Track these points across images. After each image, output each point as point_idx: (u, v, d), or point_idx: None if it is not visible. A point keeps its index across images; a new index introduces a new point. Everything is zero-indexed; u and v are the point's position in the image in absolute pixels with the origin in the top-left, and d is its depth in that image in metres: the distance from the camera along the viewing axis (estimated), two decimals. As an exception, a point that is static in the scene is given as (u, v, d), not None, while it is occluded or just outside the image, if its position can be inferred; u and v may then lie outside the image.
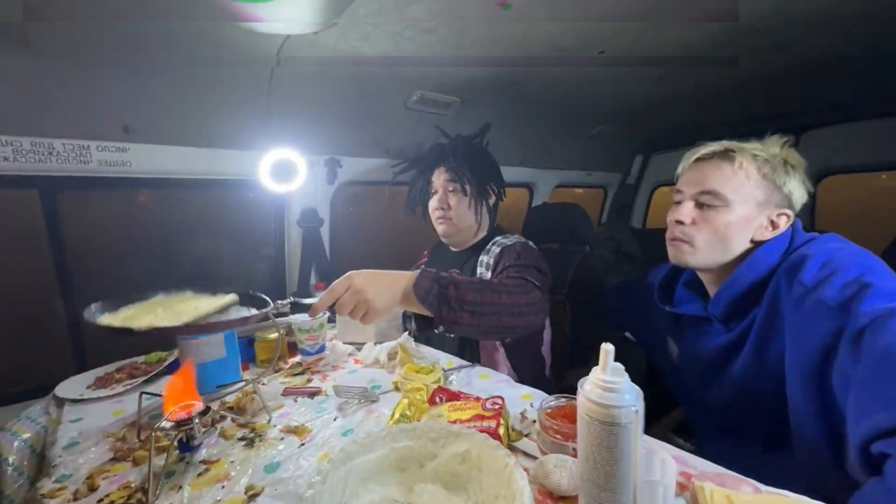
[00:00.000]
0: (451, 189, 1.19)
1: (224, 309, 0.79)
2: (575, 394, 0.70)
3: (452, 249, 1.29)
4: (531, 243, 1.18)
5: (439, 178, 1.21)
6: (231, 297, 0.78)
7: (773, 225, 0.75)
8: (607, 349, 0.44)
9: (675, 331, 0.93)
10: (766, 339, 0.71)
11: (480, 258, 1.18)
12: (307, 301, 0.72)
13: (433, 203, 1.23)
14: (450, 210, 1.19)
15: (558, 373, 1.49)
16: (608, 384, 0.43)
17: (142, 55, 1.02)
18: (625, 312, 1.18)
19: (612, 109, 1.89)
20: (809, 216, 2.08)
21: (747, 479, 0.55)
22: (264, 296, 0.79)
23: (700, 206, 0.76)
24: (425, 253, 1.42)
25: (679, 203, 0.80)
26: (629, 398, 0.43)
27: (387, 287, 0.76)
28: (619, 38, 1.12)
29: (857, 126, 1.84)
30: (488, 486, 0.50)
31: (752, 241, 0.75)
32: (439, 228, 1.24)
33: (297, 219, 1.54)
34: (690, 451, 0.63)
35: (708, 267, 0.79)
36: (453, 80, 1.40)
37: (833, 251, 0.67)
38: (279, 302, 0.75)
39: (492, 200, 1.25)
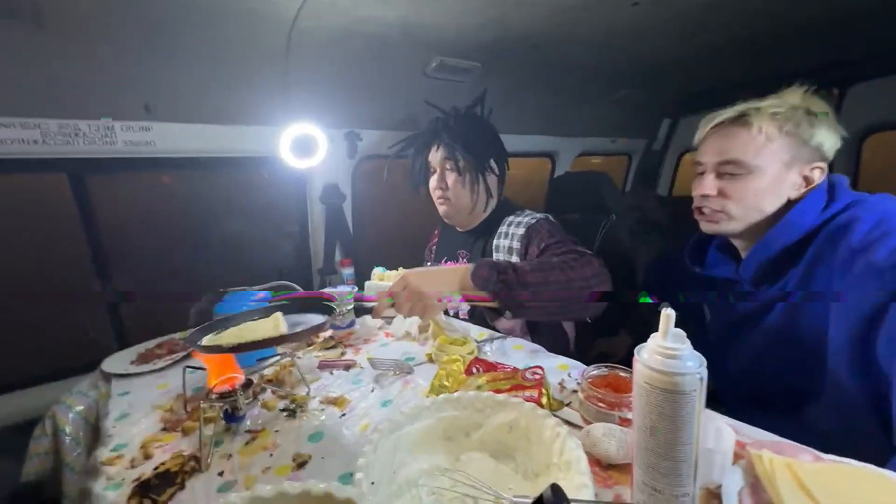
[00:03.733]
0: (447, 167, 1.12)
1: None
2: (605, 364, 0.71)
3: (458, 230, 1.24)
4: (550, 217, 1.11)
5: (436, 157, 1.14)
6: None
7: (808, 181, 0.71)
8: (668, 314, 0.42)
9: (706, 294, 0.89)
10: (796, 309, 0.68)
11: (496, 243, 1.11)
12: (368, 304, 0.74)
13: (432, 183, 1.16)
14: (447, 190, 1.13)
15: (584, 344, 1.48)
16: (670, 351, 0.41)
17: (157, 31, 1.00)
18: (665, 286, 1.15)
19: (640, 70, 1.78)
20: (852, 176, 1.96)
21: (807, 447, 0.53)
22: (330, 302, 0.80)
23: (723, 175, 0.73)
24: (435, 232, 1.38)
25: (701, 175, 0.76)
26: (692, 365, 0.41)
27: (443, 282, 0.77)
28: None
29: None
30: (537, 455, 0.50)
31: (788, 199, 0.71)
32: (440, 209, 1.18)
33: (319, 195, 1.53)
34: None
35: (746, 231, 0.75)
36: (474, 44, 1.33)
37: (887, 211, 0.63)
38: (343, 308, 0.77)
39: (491, 178, 1.16)
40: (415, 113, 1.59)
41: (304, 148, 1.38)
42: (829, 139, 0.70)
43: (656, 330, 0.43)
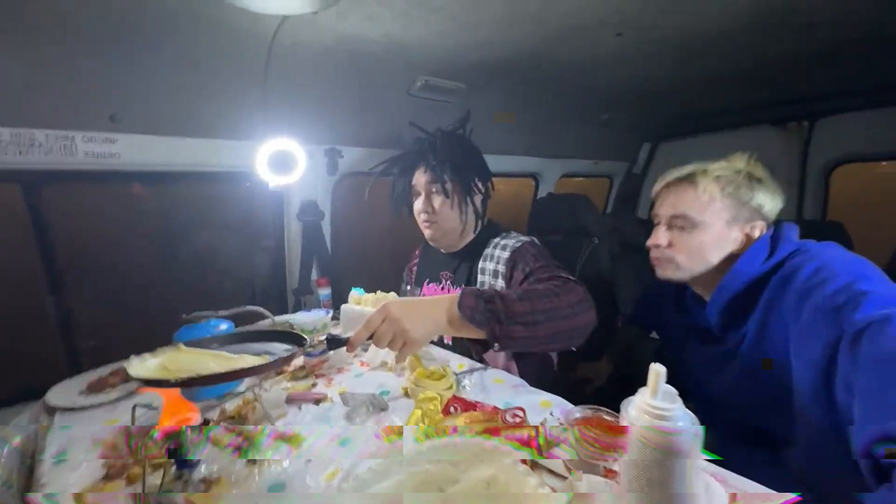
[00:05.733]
0: (433, 190, 1.10)
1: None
2: (586, 390, 0.70)
3: (442, 251, 1.21)
4: (536, 240, 1.10)
5: (421, 179, 1.12)
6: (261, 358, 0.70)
7: (748, 238, 0.77)
8: (658, 371, 0.39)
9: (686, 337, 0.94)
10: (759, 351, 0.72)
11: (482, 265, 1.09)
12: (343, 336, 0.67)
13: (417, 205, 1.14)
14: (434, 213, 1.11)
15: (566, 367, 1.46)
16: (659, 411, 0.38)
17: (128, 37, 0.94)
18: (649, 320, 1.17)
19: (623, 95, 1.81)
20: (822, 205, 2.03)
21: (791, 495, 0.51)
22: (300, 332, 0.72)
23: (673, 228, 0.81)
24: (416, 253, 1.35)
25: (657, 225, 0.85)
26: (683, 425, 0.38)
27: (426, 314, 0.71)
28: (639, 18, 1.05)
29: (875, 113, 1.77)
30: (518, 516, 0.46)
31: (730, 253, 0.78)
32: (426, 232, 1.16)
33: (296, 212, 1.48)
34: None
35: (693, 278, 0.82)
36: (460, 64, 1.32)
37: (826, 259, 0.68)
38: (316, 339, 0.69)
39: (478, 198, 1.15)
40: (398, 131, 1.56)
41: (283, 164, 1.33)
42: (768, 201, 0.77)
43: (640, 359, 0.41)
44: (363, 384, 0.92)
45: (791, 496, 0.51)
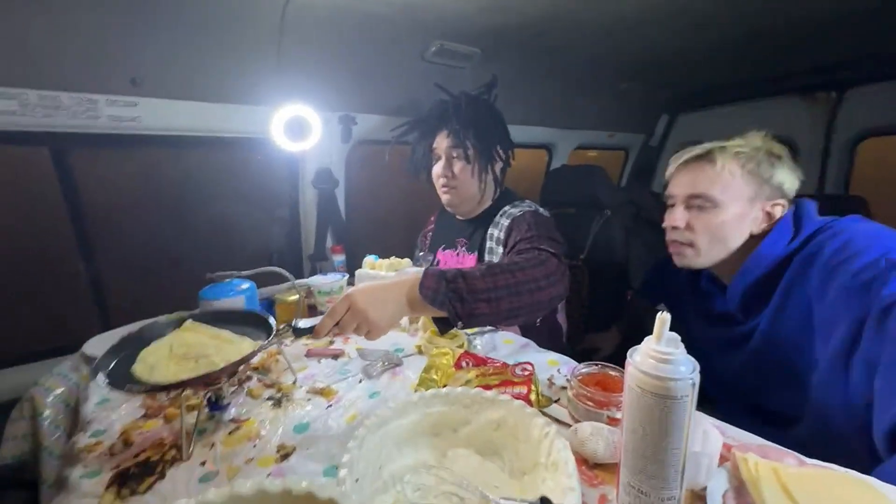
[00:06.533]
0: (454, 155, 1.09)
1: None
2: (594, 358, 0.71)
3: (458, 218, 1.22)
4: (541, 210, 1.10)
5: (442, 143, 1.11)
6: (249, 343, 0.71)
7: (769, 216, 0.75)
8: (663, 318, 0.41)
9: (696, 316, 0.94)
10: (778, 329, 0.72)
11: (489, 231, 1.10)
12: (308, 325, 0.68)
13: (436, 170, 1.13)
14: (454, 178, 1.10)
15: (574, 338, 1.49)
16: (663, 355, 0.40)
17: (146, 2, 0.95)
18: (658, 293, 1.18)
19: (641, 63, 1.75)
20: (844, 179, 1.97)
21: (790, 451, 0.53)
22: (270, 320, 0.73)
23: (691, 208, 0.78)
24: (431, 220, 1.37)
25: (672, 206, 0.82)
26: (685, 370, 0.40)
27: (389, 300, 0.70)
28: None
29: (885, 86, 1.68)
30: (524, 454, 0.49)
31: (750, 234, 0.76)
32: (444, 198, 1.15)
33: (311, 179, 1.50)
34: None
35: (713, 264, 0.80)
36: (475, 28, 1.29)
37: (853, 233, 0.66)
38: (281, 326, 0.70)
39: (498, 166, 1.14)
40: (413, 98, 1.55)
41: (297, 130, 1.35)
42: (788, 179, 0.75)
43: (648, 330, 0.43)
44: (378, 343, 0.95)
45: (789, 451, 0.53)
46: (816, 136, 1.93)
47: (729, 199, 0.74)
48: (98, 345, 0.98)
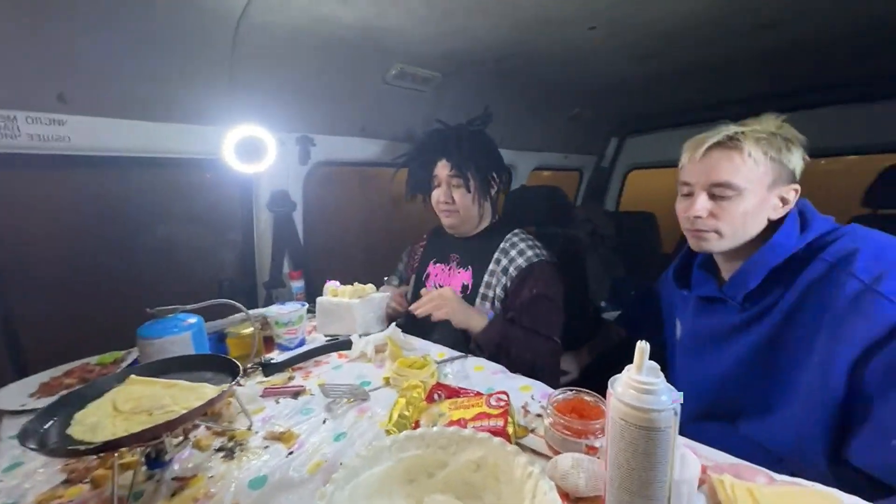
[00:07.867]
0: (454, 184, 1.17)
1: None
2: (562, 381, 0.71)
3: (455, 236, 1.28)
4: (550, 259, 1.17)
5: (442, 172, 1.18)
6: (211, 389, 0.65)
7: (784, 201, 0.74)
8: (643, 348, 0.41)
9: (684, 310, 0.93)
10: (791, 324, 0.70)
11: (497, 257, 1.17)
12: (283, 359, 0.63)
13: (437, 195, 1.20)
14: (454, 204, 1.18)
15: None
16: (645, 386, 0.40)
17: (81, 9, 0.87)
18: (643, 320, 1.18)
19: (592, 89, 1.85)
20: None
21: (761, 468, 0.54)
22: (234, 360, 0.69)
23: (713, 197, 0.75)
24: (425, 237, 1.41)
25: (688, 195, 0.78)
26: (666, 399, 0.40)
27: (464, 311, 1.06)
28: (612, 11, 1.08)
29: (810, 114, 1.87)
30: (507, 496, 0.47)
31: (768, 220, 0.75)
32: (445, 221, 1.23)
33: (266, 202, 1.42)
34: None
35: (732, 250, 0.78)
36: (436, 52, 1.31)
37: (880, 244, 0.67)
38: (249, 365, 0.66)
39: (494, 190, 1.24)
40: (374, 120, 1.53)
41: (251, 151, 1.28)
42: (800, 163, 0.74)
43: (623, 352, 0.42)
44: (342, 376, 0.90)
45: (759, 468, 0.54)
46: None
47: (752, 186, 0.72)
48: (10, 396, 0.84)
